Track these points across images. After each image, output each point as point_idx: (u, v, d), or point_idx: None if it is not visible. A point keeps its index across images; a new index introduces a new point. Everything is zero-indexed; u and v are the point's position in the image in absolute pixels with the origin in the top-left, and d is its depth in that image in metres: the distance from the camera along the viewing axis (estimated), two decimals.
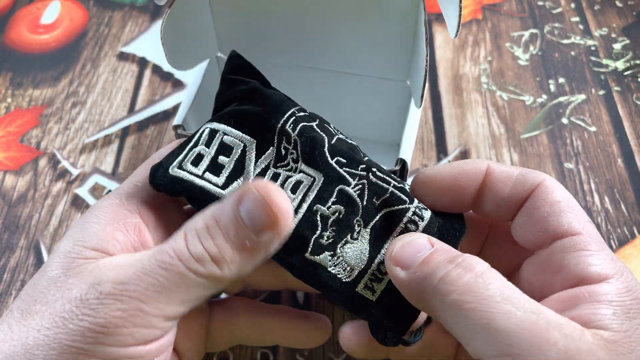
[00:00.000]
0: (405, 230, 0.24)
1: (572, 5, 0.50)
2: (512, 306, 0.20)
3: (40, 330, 0.21)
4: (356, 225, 0.24)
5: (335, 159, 0.25)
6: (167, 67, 0.48)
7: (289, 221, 0.22)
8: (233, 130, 0.25)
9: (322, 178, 0.24)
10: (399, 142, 0.31)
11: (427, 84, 0.28)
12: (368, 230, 0.24)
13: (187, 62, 0.34)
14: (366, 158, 0.26)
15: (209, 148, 0.25)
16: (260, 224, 0.21)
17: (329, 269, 0.24)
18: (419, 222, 0.24)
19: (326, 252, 0.24)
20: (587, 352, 0.20)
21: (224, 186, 0.24)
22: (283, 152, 0.25)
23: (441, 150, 0.42)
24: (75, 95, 0.46)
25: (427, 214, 0.25)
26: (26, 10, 0.52)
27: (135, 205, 0.25)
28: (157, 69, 0.47)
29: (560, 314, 0.21)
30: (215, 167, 0.25)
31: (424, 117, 0.44)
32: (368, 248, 0.24)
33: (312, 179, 0.25)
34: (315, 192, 0.24)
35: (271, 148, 0.25)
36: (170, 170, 0.24)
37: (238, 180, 0.25)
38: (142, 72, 0.47)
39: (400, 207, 0.24)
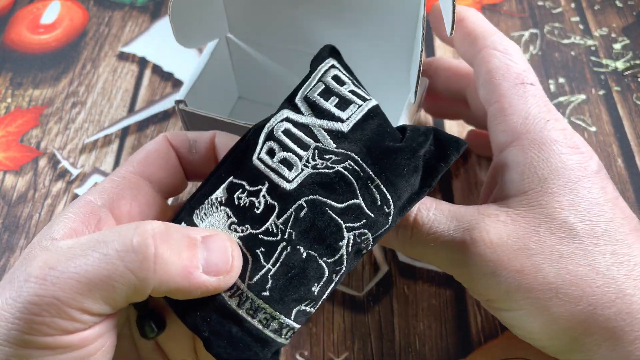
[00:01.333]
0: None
1: (572, 5, 0.50)
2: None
3: None
4: None
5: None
6: (167, 67, 0.48)
7: (237, 272, 0.23)
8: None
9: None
10: None
11: (427, 84, 0.28)
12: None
13: (195, 40, 0.33)
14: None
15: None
16: (214, 267, 0.22)
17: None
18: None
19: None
20: (498, 237, 0.24)
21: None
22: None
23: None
24: (75, 95, 0.46)
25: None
26: (26, 10, 0.52)
27: (107, 200, 0.25)
28: (157, 69, 0.47)
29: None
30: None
31: (424, 117, 0.44)
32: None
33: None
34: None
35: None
36: None
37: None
38: (142, 72, 0.47)
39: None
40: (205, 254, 0.22)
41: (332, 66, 0.27)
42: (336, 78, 0.27)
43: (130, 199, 0.25)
